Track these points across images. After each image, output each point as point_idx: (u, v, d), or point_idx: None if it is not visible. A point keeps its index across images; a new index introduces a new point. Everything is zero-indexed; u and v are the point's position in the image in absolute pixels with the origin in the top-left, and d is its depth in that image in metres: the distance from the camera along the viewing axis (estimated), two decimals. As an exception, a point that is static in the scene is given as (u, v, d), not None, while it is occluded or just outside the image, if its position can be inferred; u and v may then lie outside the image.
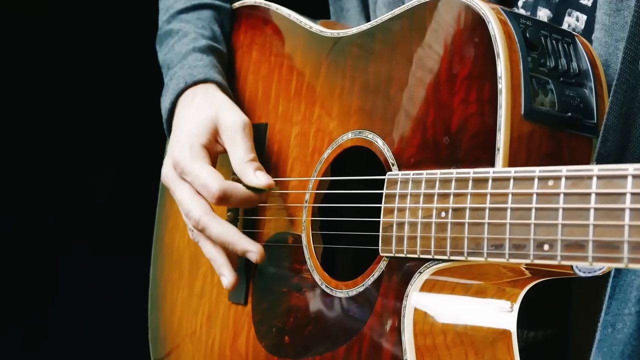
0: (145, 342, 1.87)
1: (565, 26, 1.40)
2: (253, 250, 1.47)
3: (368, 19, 1.72)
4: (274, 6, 1.68)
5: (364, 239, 1.34)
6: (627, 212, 0.94)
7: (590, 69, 1.25)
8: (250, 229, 1.58)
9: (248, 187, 1.47)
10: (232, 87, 1.69)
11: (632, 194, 0.94)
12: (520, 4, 1.46)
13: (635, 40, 1.22)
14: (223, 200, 1.46)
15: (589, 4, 1.38)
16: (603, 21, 1.33)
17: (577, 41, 1.28)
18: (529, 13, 1.44)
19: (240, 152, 1.50)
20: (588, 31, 1.38)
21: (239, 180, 1.50)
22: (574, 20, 1.40)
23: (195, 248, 1.65)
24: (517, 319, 1.24)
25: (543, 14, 1.43)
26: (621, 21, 1.31)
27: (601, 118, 1.23)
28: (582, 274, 1.13)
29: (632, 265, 0.93)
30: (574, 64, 1.25)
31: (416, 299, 1.22)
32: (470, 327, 1.24)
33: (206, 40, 1.67)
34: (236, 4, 1.78)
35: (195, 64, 1.63)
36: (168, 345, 1.78)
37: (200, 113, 1.55)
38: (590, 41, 1.34)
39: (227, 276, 1.52)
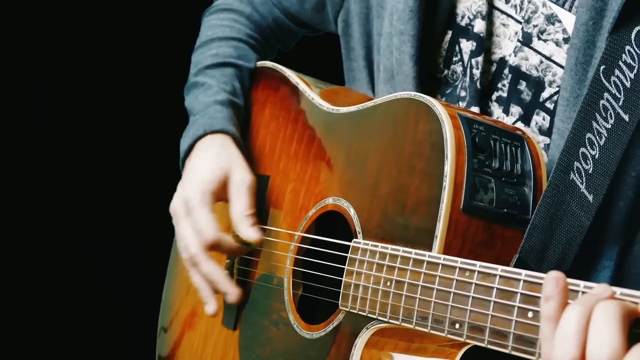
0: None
1: (533, 123, 1.61)
2: (231, 292, 1.75)
3: (373, 89, 1.95)
4: (288, 72, 1.92)
5: (331, 292, 1.58)
6: (515, 309, 1.17)
7: (532, 169, 1.47)
8: (245, 265, 1.83)
9: (238, 239, 1.72)
10: (246, 137, 1.94)
11: (521, 294, 1.17)
12: (494, 97, 1.68)
13: (568, 153, 1.44)
14: (214, 248, 1.73)
15: (552, 107, 1.60)
16: (558, 126, 1.54)
17: (526, 144, 1.50)
18: (502, 108, 1.66)
19: (241, 206, 1.76)
20: (551, 130, 1.59)
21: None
22: (540, 119, 1.61)
23: None
24: None
25: (515, 111, 1.64)
26: None
27: None
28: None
29: (514, 353, 1.16)
30: (518, 165, 1.47)
31: (361, 350, 1.45)
32: (410, 378, 1.47)
33: (227, 94, 1.92)
34: (259, 63, 2.03)
35: (215, 115, 1.88)
36: (169, 352, 2.04)
37: (215, 162, 1.80)
38: (551, 140, 1.55)
39: (211, 305, 1.79)
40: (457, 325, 1.26)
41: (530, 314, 1.15)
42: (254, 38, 2.07)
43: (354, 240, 1.53)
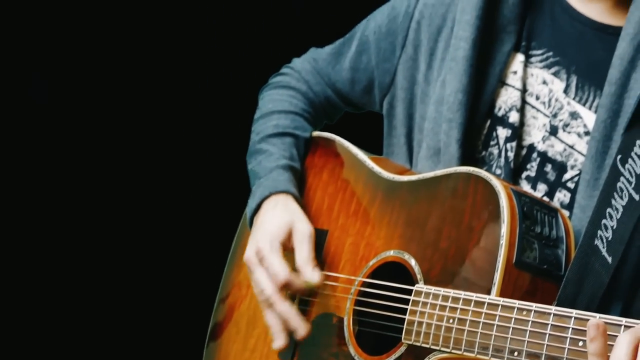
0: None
1: (556, 199, 1.98)
2: (302, 328, 2.04)
3: (411, 163, 2.29)
4: (346, 143, 2.26)
5: (390, 328, 1.90)
6: (567, 340, 1.51)
7: (564, 237, 1.83)
8: (304, 306, 2.14)
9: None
10: (303, 196, 2.26)
11: (573, 329, 1.51)
12: (523, 176, 2.04)
13: (593, 223, 1.80)
14: (285, 287, 2.04)
15: (572, 186, 1.97)
16: (579, 202, 1.91)
17: (559, 215, 1.86)
18: (530, 185, 2.02)
19: (304, 252, 2.08)
20: (571, 205, 1.96)
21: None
22: (562, 196, 1.98)
23: (254, 312, 2.20)
24: None
25: (541, 188, 2.00)
26: (592, 204, 1.88)
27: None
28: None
29: (566, 375, 1.50)
30: (554, 232, 1.83)
31: (423, 378, 1.77)
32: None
33: (286, 160, 2.26)
34: (315, 133, 2.36)
35: (278, 178, 2.21)
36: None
37: (280, 217, 2.13)
38: (573, 213, 1.91)
39: (280, 340, 2.08)
40: (515, 353, 1.60)
41: (580, 343, 1.49)
42: (308, 112, 2.42)
43: (417, 285, 1.85)
